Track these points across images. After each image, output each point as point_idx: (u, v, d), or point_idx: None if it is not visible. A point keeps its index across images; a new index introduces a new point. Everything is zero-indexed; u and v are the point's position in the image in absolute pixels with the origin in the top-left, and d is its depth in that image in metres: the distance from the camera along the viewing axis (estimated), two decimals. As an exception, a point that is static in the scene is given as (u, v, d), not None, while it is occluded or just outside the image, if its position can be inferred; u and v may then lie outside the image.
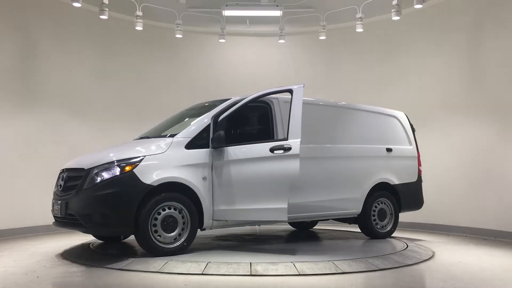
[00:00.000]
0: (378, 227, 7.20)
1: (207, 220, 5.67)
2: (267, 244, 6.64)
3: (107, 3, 8.51)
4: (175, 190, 5.48)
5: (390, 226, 7.34)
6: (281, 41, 10.07)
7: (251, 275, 4.70)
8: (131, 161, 5.33)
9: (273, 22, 10.24)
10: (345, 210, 6.89)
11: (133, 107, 9.73)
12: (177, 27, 9.61)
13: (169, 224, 5.41)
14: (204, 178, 5.63)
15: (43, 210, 8.01)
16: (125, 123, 9.46)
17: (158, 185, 5.32)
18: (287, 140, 5.56)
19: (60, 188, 5.79)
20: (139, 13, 9.00)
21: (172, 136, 5.76)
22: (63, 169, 5.95)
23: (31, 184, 8.18)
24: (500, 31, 7.97)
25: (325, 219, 7.77)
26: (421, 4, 8.25)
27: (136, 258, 5.24)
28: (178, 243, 5.48)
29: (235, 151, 5.71)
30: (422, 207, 7.79)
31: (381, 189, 7.22)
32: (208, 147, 5.71)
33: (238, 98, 6.12)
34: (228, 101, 6.12)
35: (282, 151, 5.52)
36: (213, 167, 5.70)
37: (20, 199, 8.03)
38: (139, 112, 9.69)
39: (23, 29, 8.39)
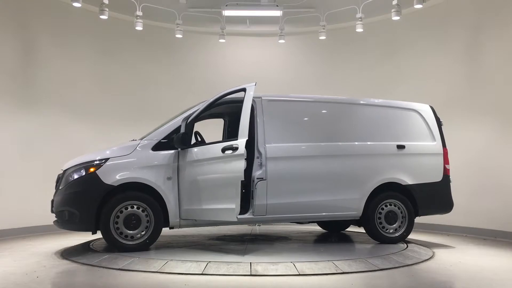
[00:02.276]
0: (386, 230, 6.60)
1: (173, 219, 5.85)
2: (267, 244, 6.64)
3: (107, 3, 8.51)
4: (140, 190, 5.75)
5: (402, 230, 6.63)
6: (281, 41, 10.07)
7: (251, 275, 4.70)
8: (95, 163, 5.78)
9: (273, 22, 10.24)
10: (343, 212, 6.48)
11: (133, 107, 9.73)
12: (177, 27, 9.61)
13: (132, 222, 5.71)
14: (168, 178, 5.80)
15: (43, 210, 8.01)
16: (125, 123, 9.47)
17: (119, 185, 5.67)
18: (237, 139, 5.62)
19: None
20: (139, 13, 9.01)
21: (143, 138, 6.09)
22: None
23: (31, 184, 8.18)
24: (500, 31, 7.98)
25: (322, 220, 7.52)
26: (421, 4, 8.26)
27: (136, 258, 5.24)
28: (140, 240, 5.73)
29: (196, 152, 5.85)
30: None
31: (390, 190, 6.66)
32: (180, 149, 5.89)
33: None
34: (201, 103, 6.18)
35: (231, 151, 5.59)
36: (179, 167, 5.83)
37: (20, 199, 8.03)
38: (139, 112, 9.69)
39: (23, 29, 8.40)
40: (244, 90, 5.91)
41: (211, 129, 7.63)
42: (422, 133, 6.99)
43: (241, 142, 5.58)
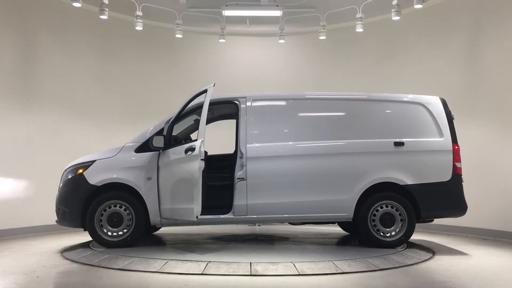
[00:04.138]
0: (381, 234, 6.17)
1: (153, 218, 6.06)
2: (267, 244, 6.64)
3: (107, 3, 8.52)
4: (125, 190, 6.05)
5: (401, 234, 6.16)
6: (281, 41, 10.07)
7: (251, 275, 4.70)
8: (83, 164, 6.21)
9: (273, 22, 10.23)
10: (332, 214, 6.19)
11: (133, 107, 9.73)
12: (177, 27, 9.61)
13: (115, 220, 6.06)
14: (149, 179, 6.02)
15: (43, 210, 8.02)
16: (125, 123, 9.46)
17: (102, 185, 6.03)
18: (197, 140, 5.75)
19: None
20: (139, 13, 9.01)
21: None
22: None
23: (31, 184, 8.19)
24: (500, 31, 7.97)
25: (310, 223, 7.03)
26: (421, 4, 8.26)
27: (136, 258, 5.25)
28: (122, 238, 6.04)
29: (171, 153, 5.98)
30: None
31: (385, 190, 6.22)
32: (160, 150, 6.05)
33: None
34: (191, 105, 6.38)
35: (191, 152, 5.70)
36: (158, 168, 6.00)
37: (20, 199, 8.03)
38: (139, 112, 9.69)
39: (23, 29, 8.39)
40: (205, 91, 6.04)
41: (226, 129, 7.65)
42: (428, 128, 6.40)
43: (197, 143, 5.69)
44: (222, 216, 6.13)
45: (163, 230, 7.90)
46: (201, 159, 5.65)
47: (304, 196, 6.15)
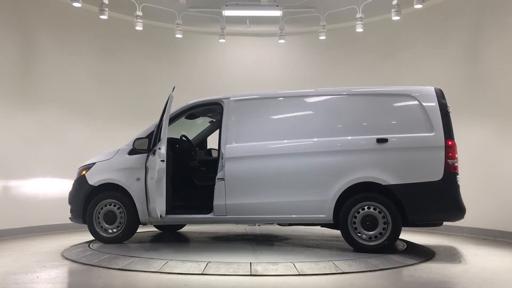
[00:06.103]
0: (363, 237, 5.77)
1: (142, 217, 6.38)
2: (267, 244, 6.64)
3: (107, 3, 8.53)
4: (117, 190, 6.47)
5: (384, 238, 5.69)
6: (281, 41, 10.07)
7: (251, 275, 4.70)
8: (86, 166, 6.78)
9: (273, 22, 10.24)
10: (311, 215, 5.95)
11: (133, 107, 9.73)
12: (177, 27, 9.62)
13: (110, 217, 6.51)
14: (138, 179, 6.35)
15: (43, 210, 8.03)
16: (125, 123, 9.46)
17: (98, 185, 6.52)
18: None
19: None
20: (139, 13, 9.01)
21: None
22: None
23: (31, 184, 8.18)
24: (500, 30, 7.98)
25: (297, 224, 6.75)
26: (421, 4, 8.27)
27: (136, 258, 5.25)
28: (114, 234, 6.47)
29: (152, 154, 6.18)
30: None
31: (367, 191, 5.80)
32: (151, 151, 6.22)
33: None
34: (182, 107, 6.77)
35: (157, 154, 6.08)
36: (146, 169, 6.18)
37: (21, 199, 8.03)
38: (138, 112, 9.68)
39: (23, 29, 8.40)
40: (170, 95, 6.31)
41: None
42: (417, 122, 5.83)
43: (158, 145, 6.06)
44: (203, 216, 6.28)
45: (180, 229, 7.93)
46: (161, 160, 6.02)
47: (282, 196, 6.01)
